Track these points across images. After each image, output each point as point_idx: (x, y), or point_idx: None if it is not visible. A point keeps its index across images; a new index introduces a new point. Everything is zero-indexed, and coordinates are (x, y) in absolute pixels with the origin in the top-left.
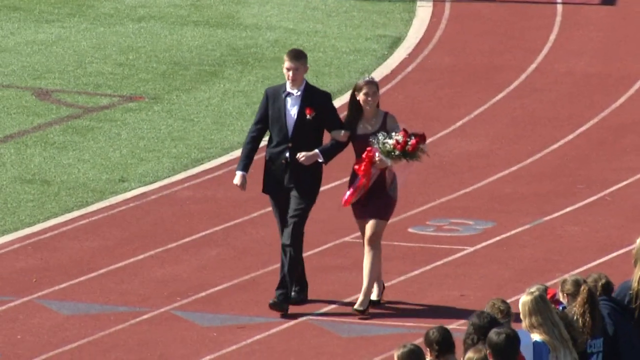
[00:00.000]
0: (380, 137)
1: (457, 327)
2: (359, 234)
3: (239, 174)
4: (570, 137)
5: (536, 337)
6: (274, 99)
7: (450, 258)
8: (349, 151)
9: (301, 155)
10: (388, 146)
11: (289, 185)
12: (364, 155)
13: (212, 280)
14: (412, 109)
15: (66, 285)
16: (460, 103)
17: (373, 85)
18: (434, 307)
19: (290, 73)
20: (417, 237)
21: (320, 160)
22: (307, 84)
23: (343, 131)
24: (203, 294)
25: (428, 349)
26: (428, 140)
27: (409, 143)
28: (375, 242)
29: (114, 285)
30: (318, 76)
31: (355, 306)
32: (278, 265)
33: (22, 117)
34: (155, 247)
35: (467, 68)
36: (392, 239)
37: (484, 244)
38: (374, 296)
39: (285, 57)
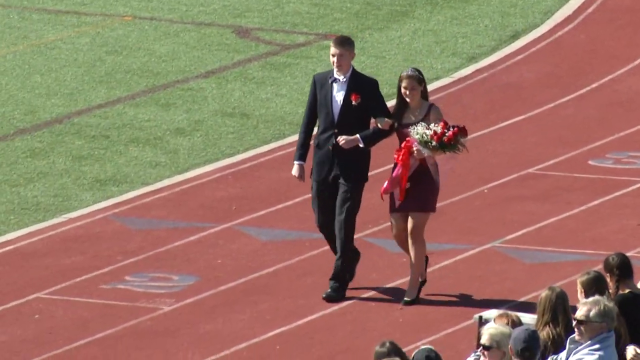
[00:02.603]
0: (419, 128)
1: (635, 255)
2: (542, 165)
3: (296, 164)
4: None
5: None
6: (321, 85)
7: (628, 189)
8: None
9: (341, 139)
10: (426, 137)
11: (336, 172)
12: (402, 145)
13: None
14: (593, 48)
15: (264, 213)
16: (639, 42)
17: (412, 79)
18: (612, 235)
19: (335, 59)
20: (596, 169)
21: (361, 145)
22: (353, 70)
23: (386, 119)
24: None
25: (608, 274)
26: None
27: (446, 134)
28: (417, 234)
29: (309, 213)
30: (503, 17)
31: (405, 298)
32: (467, 194)
33: (223, 54)
34: None
35: None
36: (573, 171)
37: None
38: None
39: (331, 44)
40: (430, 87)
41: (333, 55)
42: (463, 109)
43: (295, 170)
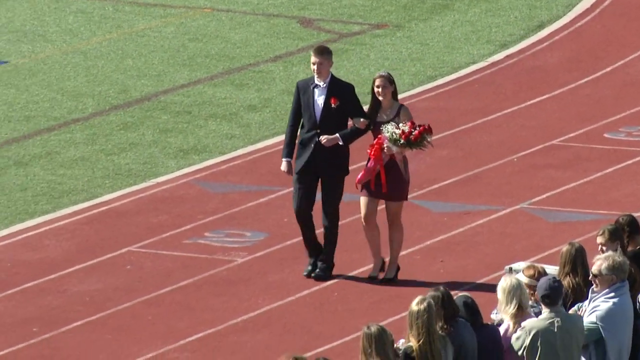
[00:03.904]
0: (389, 127)
1: None
2: (564, 137)
3: (284, 161)
4: None
5: None
6: (304, 90)
7: (638, 158)
8: None
9: (323, 138)
10: (395, 135)
11: (318, 167)
12: (374, 142)
13: (443, 175)
14: (607, 36)
15: None
16: None
17: (384, 79)
18: (624, 198)
19: (315, 67)
20: (611, 141)
21: (340, 143)
22: (332, 76)
23: (362, 119)
24: (435, 186)
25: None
26: None
27: (413, 134)
28: (397, 220)
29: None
30: (531, 9)
31: (385, 275)
32: (499, 162)
33: (289, 41)
34: None
35: None
36: (591, 143)
37: None
38: (374, 273)
39: (312, 53)
40: (466, 71)
41: (313, 64)
42: (496, 89)
43: (284, 167)
